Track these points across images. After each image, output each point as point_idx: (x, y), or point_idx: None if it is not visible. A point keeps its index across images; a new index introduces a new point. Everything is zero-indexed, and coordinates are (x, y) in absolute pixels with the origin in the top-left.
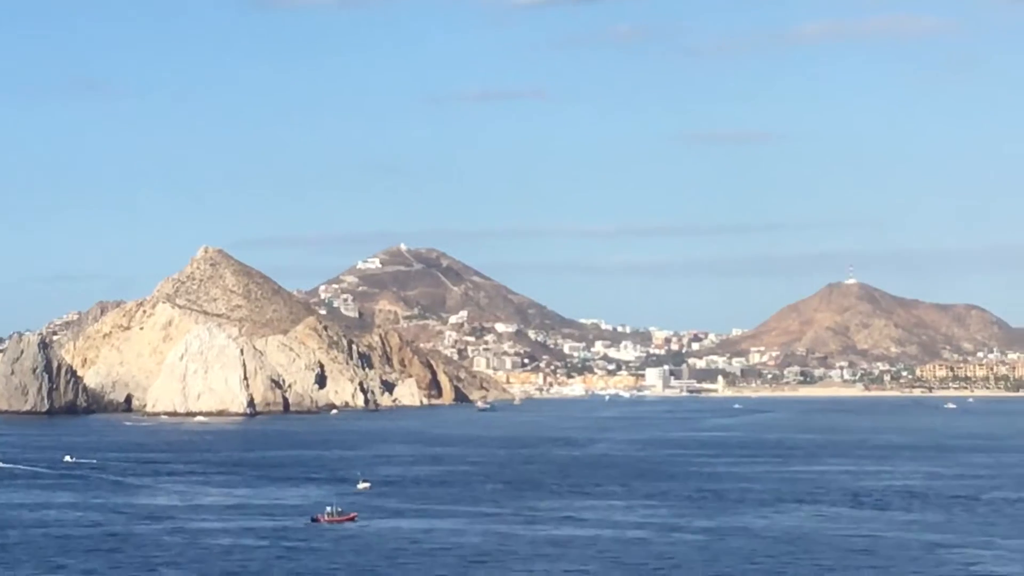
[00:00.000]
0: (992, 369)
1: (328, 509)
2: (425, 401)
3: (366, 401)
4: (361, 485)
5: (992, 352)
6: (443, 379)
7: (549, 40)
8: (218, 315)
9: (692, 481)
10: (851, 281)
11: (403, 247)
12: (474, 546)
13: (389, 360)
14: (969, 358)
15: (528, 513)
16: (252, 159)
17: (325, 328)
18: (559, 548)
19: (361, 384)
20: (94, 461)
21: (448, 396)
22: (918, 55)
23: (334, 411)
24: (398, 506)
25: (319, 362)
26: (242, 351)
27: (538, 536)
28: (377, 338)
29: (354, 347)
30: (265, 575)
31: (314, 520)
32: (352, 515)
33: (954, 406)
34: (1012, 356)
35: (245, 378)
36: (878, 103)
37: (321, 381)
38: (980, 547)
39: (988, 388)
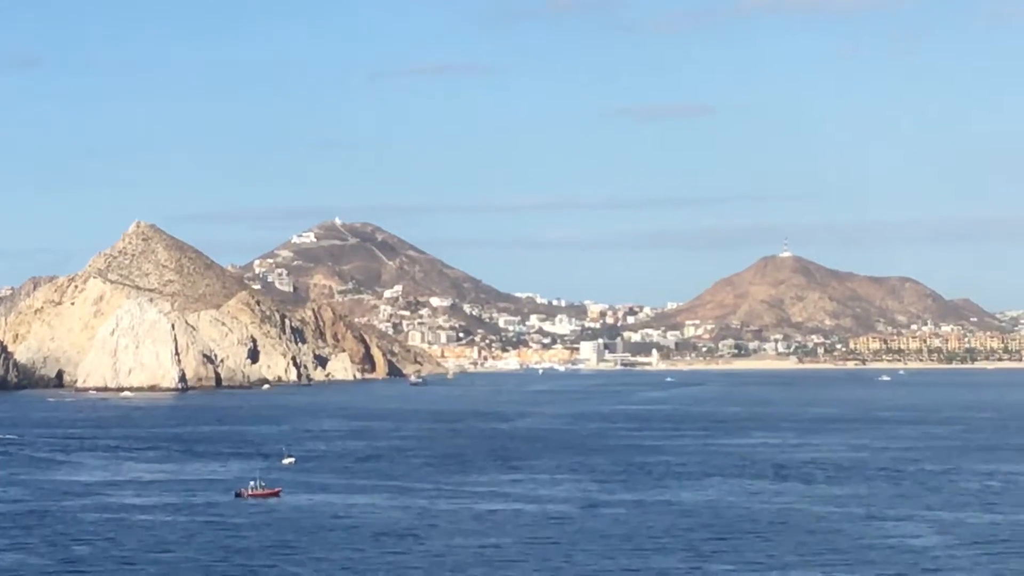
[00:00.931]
0: (925, 341)
1: (252, 484)
2: (358, 375)
3: (299, 376)
4: (286, 460)
5: (926, 324)
6: (376, 353)
7: (488, 14)
8: (150, 290)
9: (617, 455)
10: (786, 254)
11: (338, 221)
12: (394, 521)
13: (322, 334)
14: (903, 330)
15: (451, 488)
16: (188, 134)
17: (258, 303)
18: (479, 523)
19: (294, 359)
20: (16, 437)
21: (381, 370)
22: (856, 27)
23: (266, 386)
24: (322, 481)
25: (251, 337)
26: (173, 326)
27: (459, 511)
28: (310, 312)
29: (287, 321)
30: (182, 550)
31: (238, 495)
32: (276, 490)
33: (888, 378)
34: (945, 328)
35: (176, 353)
36: (813, 76)
37: (254, 356)
38: (898, 519)
39: (921, 360)
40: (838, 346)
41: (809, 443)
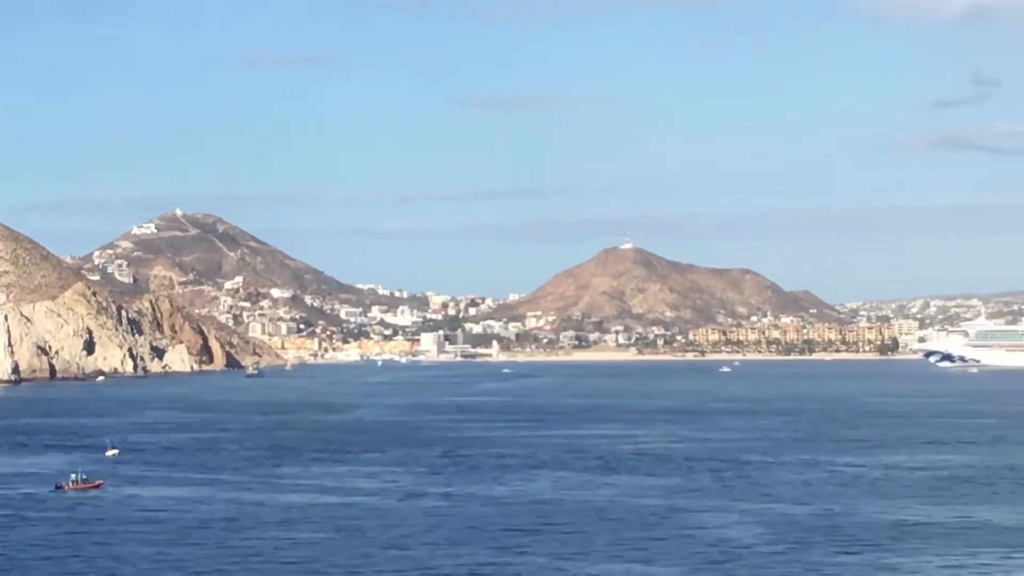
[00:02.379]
0: (764, 333)
1: (73, 476)
2: (196, 367)
3: (135, 367)
4: (110, 452)
5: (766, 316)
6: (214, 345)
7: (331, 5)
8: None
9: (444, 447)
10: (627, 246)
11: (179, 212)
12: (208, 513)
13: (160, 326)
14: (743, 322)
15: (272, 480)
16: (27, 122)
17: (94, 294)
18: (291, 516)
19: (130, 350)
20: None
21: (219, 362)
22: (697, 17)
23: (100, 378)
24: (144, 474)
25: (88, 328)
26: (7, 317)
27: (275, 503)
28: (148, 304)
29: (124, 313)
30: None
31: (58, 488)
32: (98, 483)
33: (728, 370)
34: (785, 320)
35: (9, 345)
36: (656, 67)
37: (89, 347)
38: (715, 510)
39: (760, 352)
40: (678, 337)
41: (638, 434)
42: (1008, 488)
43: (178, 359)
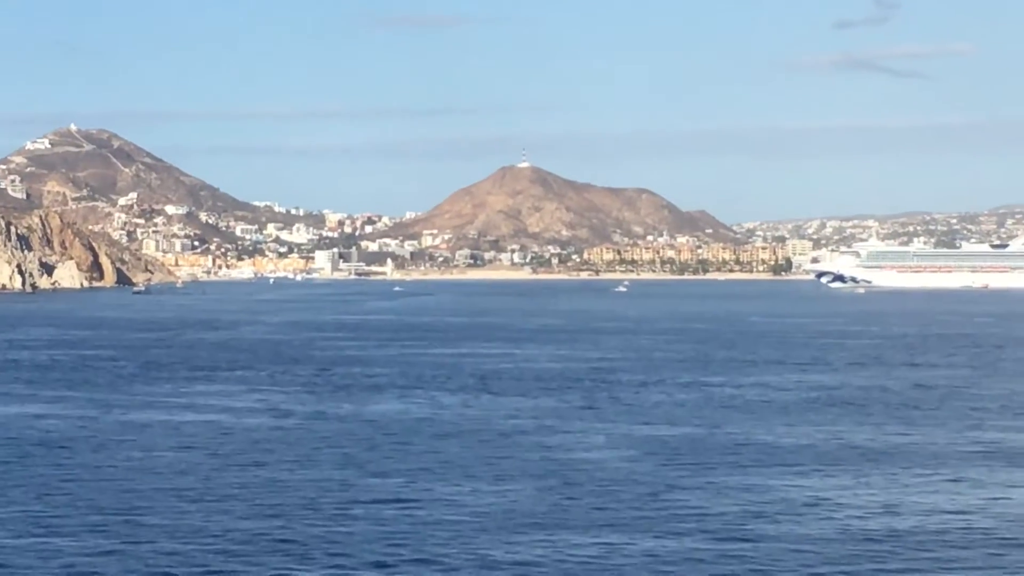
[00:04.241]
0: (658, 252)
1: None
2: (86, 284)
3: (23, 284)
4: None
5: (662, 236)
6: (105, 261)
7: None
8: None
9: (318, 365)
10: (524, 164)
11: (73, 128)
12: (67, 432)
13: (50, 242)
14: (639, 241)
15: (139, 398)
16: None
17: None
18: (154, 434)
19: (19, 266)
20: None
21: (110, 279)
22: None
23: None
24: (11, 391)
25: None
26: None
27: (139, 422)
28: (37, 219)
29: (13, 229)
30: None
31: None
32: None
33: (624, 289)
34: (680, 240)
35: None
36: None
37: None
38: (580, 431)
39: (654, 271)
40: (573, 257)
41: (516, 353)
42: (878, 409)
43: (68, 276)
